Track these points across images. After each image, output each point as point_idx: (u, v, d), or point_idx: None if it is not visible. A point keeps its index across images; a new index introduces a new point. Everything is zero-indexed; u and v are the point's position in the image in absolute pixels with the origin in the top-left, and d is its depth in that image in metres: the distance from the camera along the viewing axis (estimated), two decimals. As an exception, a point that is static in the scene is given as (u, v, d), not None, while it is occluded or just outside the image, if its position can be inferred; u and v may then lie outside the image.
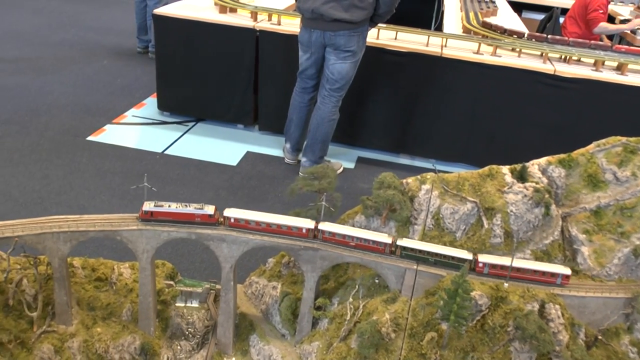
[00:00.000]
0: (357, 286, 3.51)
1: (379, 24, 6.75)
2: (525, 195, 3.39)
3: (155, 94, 8.55)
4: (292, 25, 7.47)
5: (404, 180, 3.59)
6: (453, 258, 3.28)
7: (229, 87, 7.90)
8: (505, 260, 3.26)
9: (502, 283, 3.19)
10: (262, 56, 7.59)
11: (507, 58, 6.98)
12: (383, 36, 7.26)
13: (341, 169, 7.19)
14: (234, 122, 8.26)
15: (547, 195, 3.38)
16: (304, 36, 6.42)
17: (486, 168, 3.57)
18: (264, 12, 7.68)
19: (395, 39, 7.29)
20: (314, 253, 3.38)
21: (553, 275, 3.26)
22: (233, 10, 7.95)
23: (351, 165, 7.43)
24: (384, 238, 3.38)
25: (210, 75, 7.91)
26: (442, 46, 7.17)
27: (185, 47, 7.88)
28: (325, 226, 3.47)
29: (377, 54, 7.06)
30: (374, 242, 3.38)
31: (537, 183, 3.44)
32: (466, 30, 7.90)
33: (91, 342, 3.70)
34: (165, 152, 7.38)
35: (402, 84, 7.30)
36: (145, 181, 3.60)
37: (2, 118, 7.95)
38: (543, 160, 3.60)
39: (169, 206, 3.53)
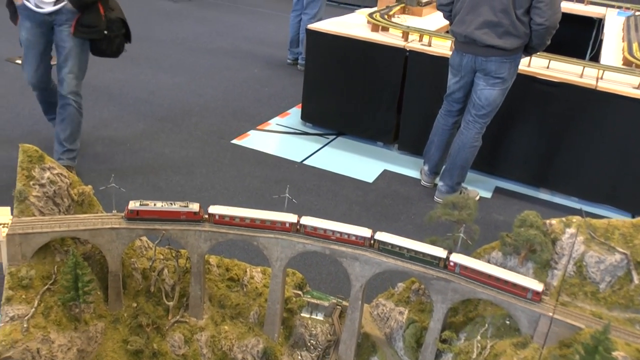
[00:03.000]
0: (486, 324, 3.38)
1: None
2: (686, 254, 3.10)
3: (300, 104, 8.82)
4: (442, 47, 7.40)
5: (547, 221, 3.41)
6: (427, 255, 3.36)
7: (373, 104, 7.96)
8: (478, 264, 3.27)
9: (651, 347, 2.94)
10: (410, 76, 7.59)
11: (673, 97, 6.46)
12: (535, 64, 7.00)
13: (477, 197, 7.01)
14: (374, 139, 8.31)
15: None
16: (455, 59, 6.35)
17: (641, 218, 3.32)
18: (415, 32, 7.67)
19: (548, 67, 6.99)
20: (446, 284, 3.31)
21: (524, 289, 3.16)
22: (385, 29, 8.02)
23: (488, 195, 7.21)
24: (364, 232, 3.47)
25: (356, 91, 8.02)
26: (597, 78, 6.76)
27: (334, 62, 8.05)
28: (307, 220, 3.56)
29: (527, 82, 6.82)
30: (353, 235, 3.48)
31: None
32: (627, 63, 7.40)
33: (218, 338, 3.84)
34: (304, 162, 7.57)
35: (550, 115, 6.99)
36: (287, 192, 3.71)
37: (159, 115, 8.54)
38: None
39: (155, 205, 3.58)
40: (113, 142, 7.55)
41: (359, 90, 8.00)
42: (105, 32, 5.98)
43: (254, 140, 8.12)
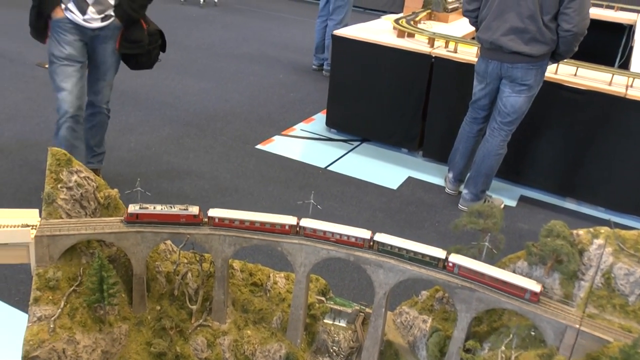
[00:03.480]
0: (511, 335, 3.33)
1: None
2: None
3: (324, 110, 8.83)
4: (468, 54, 7.36)
5: (575, 231, 3.36)
6: (426, 255, 3.38)
7: (398, 110, 7.94)
8: (476, 265, 3.29)
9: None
10: (435, 82, 7.56)
11: None
12: (562, 71, 6.91)
13: (502, 205, 6.94)
14: (399, 145, 8.29)
15: None
16: (481, 66, 6.30)
17: (672, 231, 3.24)
18: (441, 38, 7.65)
19: (575, 75, 6.90)
20: (471, 293, 3.27)
21: (522, 289, 3.16)
22: (411, 35, 8.01)
23: (512, 204, 7.14)
24: (363, 233, 3.49)
25: (381, 97, 8.00)
26: (627, 86, 6.65)
27: (359, 68, 8.05)
28: (306, 222, 3.56)
29: (554, 89, 6.74)
30: (353, 237, 3.50)
31: None
32: (658, 71, 7.31)
33: (240, 343, 3.84)
34: (328, 168, 7.57)
35: (577, 123, 6.89)
36: (312, 198, 3.70)
37: (185, 120, 8.61)
38: None
39: (154, 208, 3.56)
40: (139, 146, 7.62)
41: (384, 96, 7.99)
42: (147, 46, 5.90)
43: (279, 145, 8.14)
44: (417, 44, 7.75)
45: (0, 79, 9.55)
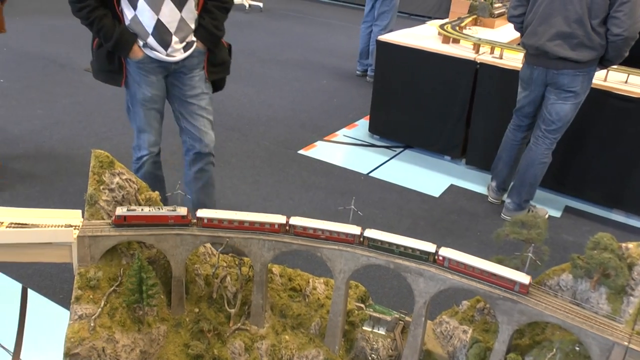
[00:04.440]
0: (554, 349, 3.23)
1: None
2: None
3: (367, 116, 8.78)
4: (514, 60, 7.23)
5: (623, 245, 3.25)
6: (416, 250, 3.40)
7: (442, 117, 7.86)
8: (465, 258, 3.31)
9: None
10: (480, 89, 7.44)
11: None
12: (611, 78, 6.71)
13: (546, 216, 6.78)
14: (442, 152, 8.19)
15: None
16: (525, 72, 6.18)
17: None
18: (486, 44, 7.54)
19: (626, 82, 6.70)
20: (513, 305, 3.19)
21: (511, 282, 3.20)
22: (456, 41, 7.92)
23: (557, 214, 6.96)
24: (353, 229, 3.48)
25: (425, 103, 7.93)
26: (681, 95, 6.45)
27: (403, 74, 8.00)
28: (295, 220, 3.57)
29: (602, 97, 6.55)
30: (342, 233, 3.50)
31: None
32: None
33: (278, 348, 3.83)
34: (370, 174, 7.52)
35: (627, 133, 6.67)
36: (352, 204, 3.68)
37: (228, 125, 8.68)
38: None
39: (142, 210, 3.54)
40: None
41: (428, 102, 7.92)
42: None
43: (321, 151, 8.14)
44: (462, 50, 7.66)
45: (51, 84, 9.81)
